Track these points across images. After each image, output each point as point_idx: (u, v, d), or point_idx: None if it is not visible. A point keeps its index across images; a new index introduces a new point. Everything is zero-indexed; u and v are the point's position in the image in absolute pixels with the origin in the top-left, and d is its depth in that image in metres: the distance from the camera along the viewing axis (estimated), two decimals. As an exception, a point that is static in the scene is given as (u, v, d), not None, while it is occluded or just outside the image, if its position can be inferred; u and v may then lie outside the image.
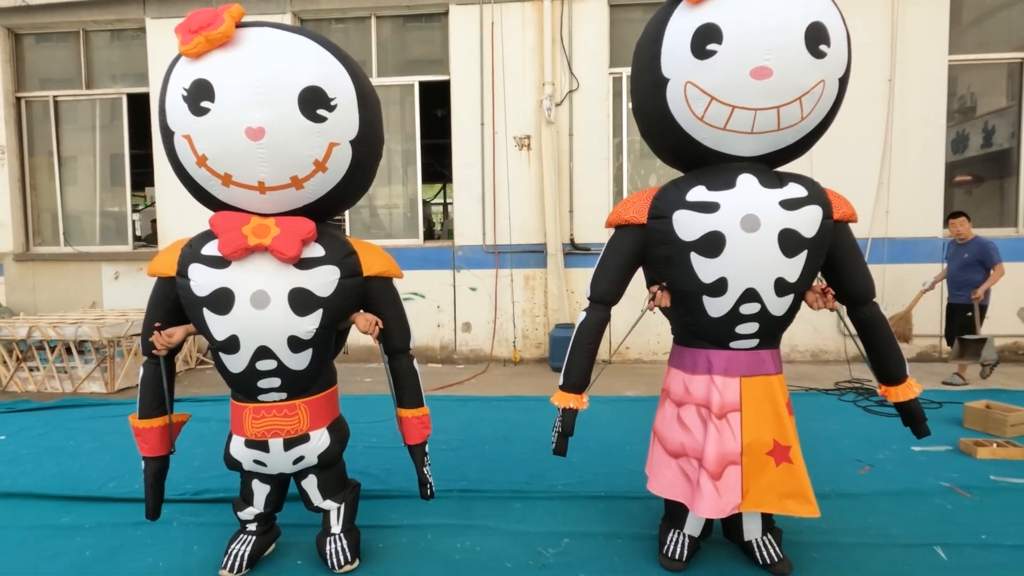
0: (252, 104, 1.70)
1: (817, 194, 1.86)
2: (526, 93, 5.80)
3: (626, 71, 5.85)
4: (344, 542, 2.08)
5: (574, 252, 5.84)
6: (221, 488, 2.74)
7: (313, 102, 1.74)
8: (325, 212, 1.98)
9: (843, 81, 1.83)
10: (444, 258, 5.98)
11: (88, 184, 6.52)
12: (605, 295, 2.00)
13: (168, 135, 1.82)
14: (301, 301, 1.85)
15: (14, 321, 5.05)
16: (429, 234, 7.53)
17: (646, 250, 1.97)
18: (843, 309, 2.02)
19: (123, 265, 6.26)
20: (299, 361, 1.91)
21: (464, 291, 5.97)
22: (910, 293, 5.63)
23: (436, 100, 6.57)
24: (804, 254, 1.83)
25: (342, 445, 2.12)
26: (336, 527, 2.11)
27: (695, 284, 1.88)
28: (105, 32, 6.32)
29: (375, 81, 6.10)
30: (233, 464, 2.03)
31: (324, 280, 1.88)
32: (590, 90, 5.76)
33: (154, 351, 1.91)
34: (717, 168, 1.91)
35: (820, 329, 5.75)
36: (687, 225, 1.85)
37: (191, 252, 1.88)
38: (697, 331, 1.97)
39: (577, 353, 2.02)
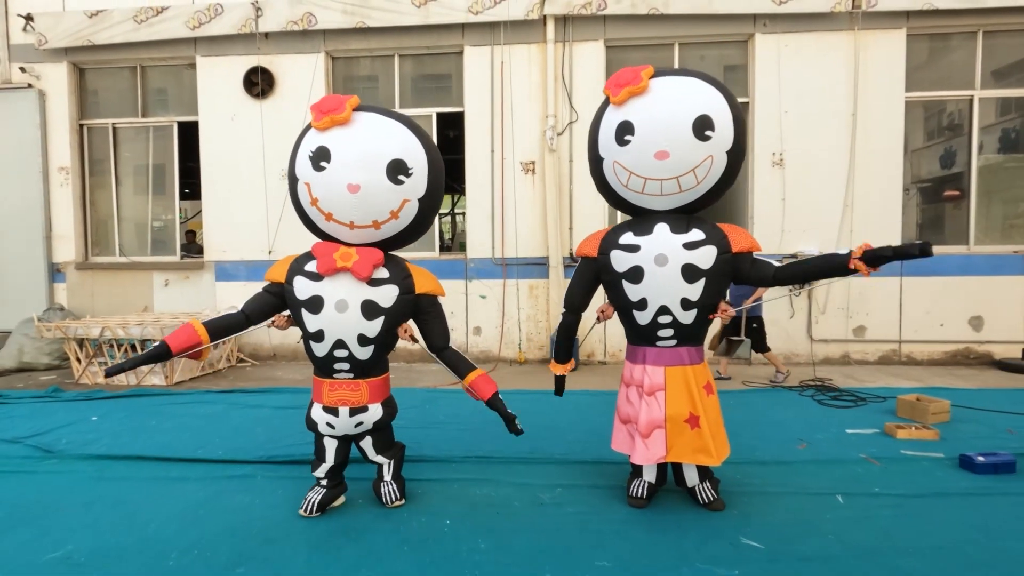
0: (355, 167, 2.43)
1: (714, 237, 2.57)
2: (531, 123, 6.56)
3: (620, 105, 6.62)
4: (394, 486, 2.82)
5: (573, 265, 6.57)
6: (285, 455, 3.47)
7: (396, 170, 2.47)
8: (393, 245, 2.72)
9: (732, 152, 2.53)
10: (457, 269, 6.73)
11: (141, 202, 7.32)
12: (574, 306, 2.86)
13: (294, 180, 2.57)
14: (370, 309, 2.55)
15: (88, 322, 5.82)
16: (442, 246, 8.23)
17: (599, 275, 2.75)
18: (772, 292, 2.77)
19: (172, 273, 7.04)
20: (364, 353, 2.61)
21: (475, 299, 6.71)
22: (872, 304, 6.34)
23: (449, 124, 7.33)
24: (703, 281, 2.56)
25: (392, 416, 2.86)
26: (388, 475, 2.85)
27: (627, 302, 2.66)
28: (159, 67, 7.13)
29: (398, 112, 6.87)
30: (311, 425, 2.72)
31: (387, 295, 2.60)
32: (588, 122, 6.49)
33: (276, 326, 2.69)
34: (643, 218, 2.70)
35: (792, 335, 6.45)
36: (618, 260, 2.64)
37: (297, 267, 2.60)
38: (634, 334, 2.76)
39: (560, 342, 2.92)
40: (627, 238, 2.62)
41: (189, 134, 7.14)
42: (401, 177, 2.48)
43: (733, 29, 6.38)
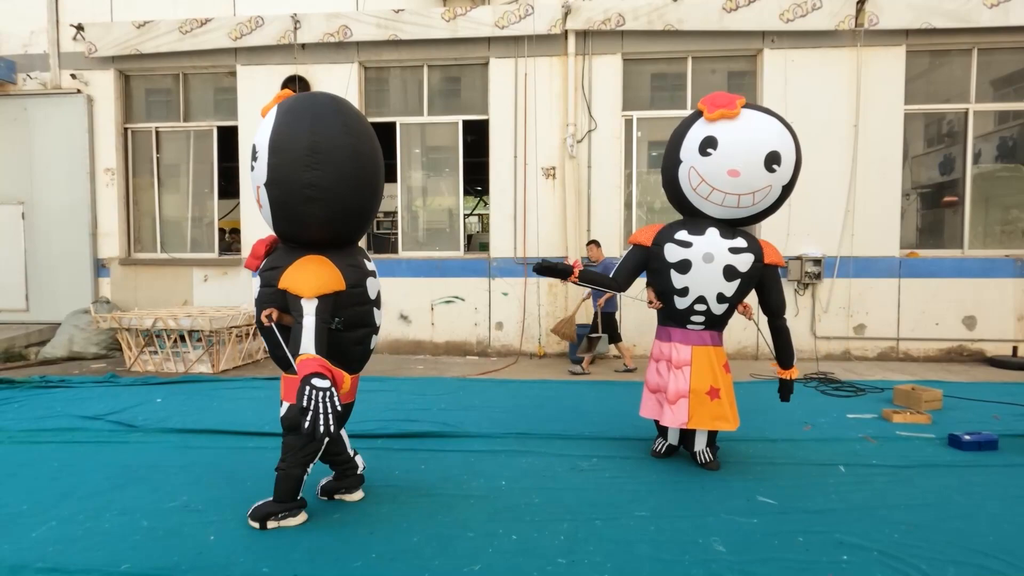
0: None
1: (753, 246, 3.12)
2: (552, 131, 6.98)
3: (636, 114, 7.06)
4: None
5: (591, 265, 6.98)
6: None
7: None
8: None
9: (786, 188, 3.05)
10: (481, 268, 7.14)
11: (181, 201, 7.74)
12: (620, 282, 3.32)
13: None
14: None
15: (141, 314, 6.24)
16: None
17: (647, 262, 3.21)
18: (762, 321, 3.33)
19: (210, 269, 7.46)
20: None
21: (497, 296, 7.12)
22: (872, 303, 6.75)
23: (471, 130, 7.75)
24: (737, 281, 3.10)
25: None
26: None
27: (670, 287, 3.17)
28: (201, 75, 7.56)
29: (425, 120, 7.31)
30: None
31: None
32: (606, 130, 6.93)
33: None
34: (696, 221, 3.20)
35: (796, 332, 6.82)
36: (671, 252, 3.11)
37: (361, 272, 2.84)
38: (668, 316, 3.28)
39: (588, 274, 3.46)
40: (682, 235, 3.13)
41: (228, 137, 7.56)
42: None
43: (743, 45, 6.80)
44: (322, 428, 2.15)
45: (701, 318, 3.16)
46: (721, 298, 3.09)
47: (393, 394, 5.04)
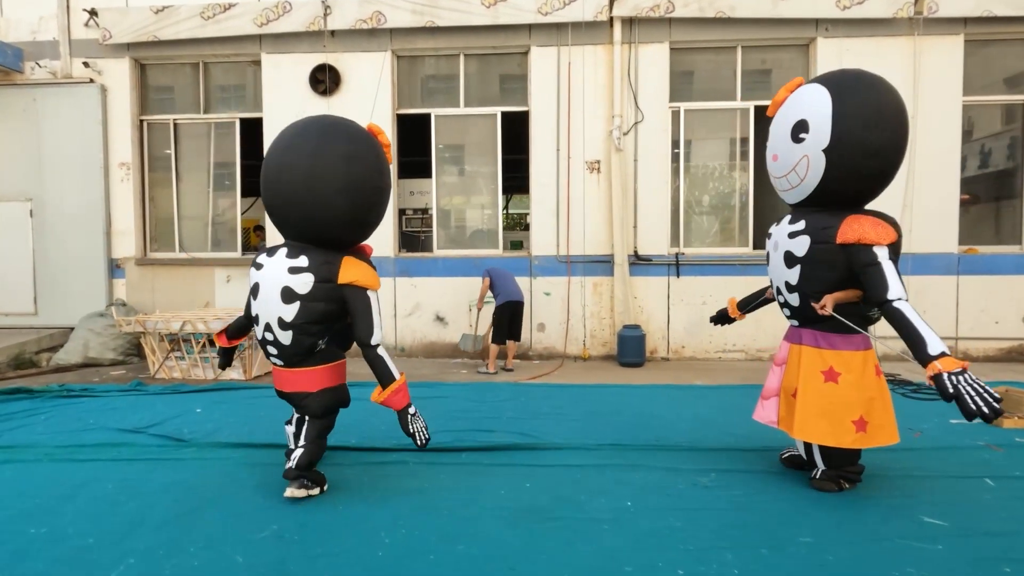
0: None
1: (813, 226, 2.71)
2: (597, 123, 6.66)
3: (684, 105, 6.76)
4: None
5: (637, 263, 6.67)
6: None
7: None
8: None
9: (829, 150, 2.61)
10: (522, 266, 6.80)
11: (202, 198, 7.32)
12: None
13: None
14: None
15: (167, 316, 5.82)
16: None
17: None
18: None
19: (234, 269, 7.05)
20: None
21: (539, 296, 6.79)
22: (930, 302, 6.50)
23: (510, 123, 7.42)
24: (798, 267, 2.77)
25: None
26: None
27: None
28: (222, 64, 7.15)
29: (462, 111, 6.96)
30: (348, 400, 2.96)
31: None
32: (653, 122, 6.63)
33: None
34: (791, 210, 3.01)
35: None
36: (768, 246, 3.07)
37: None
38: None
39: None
40: (772, 227, 3.03)
41: (251, 131, 7.16)
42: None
43: (795, 33, 6.53)
44: (426, 440, 2.67)
45: (788, 311, 2.95)
46: (790, 288, 2.83)
47: (448, 400, 4.68)
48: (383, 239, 6.82)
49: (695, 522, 2.48)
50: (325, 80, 6.78)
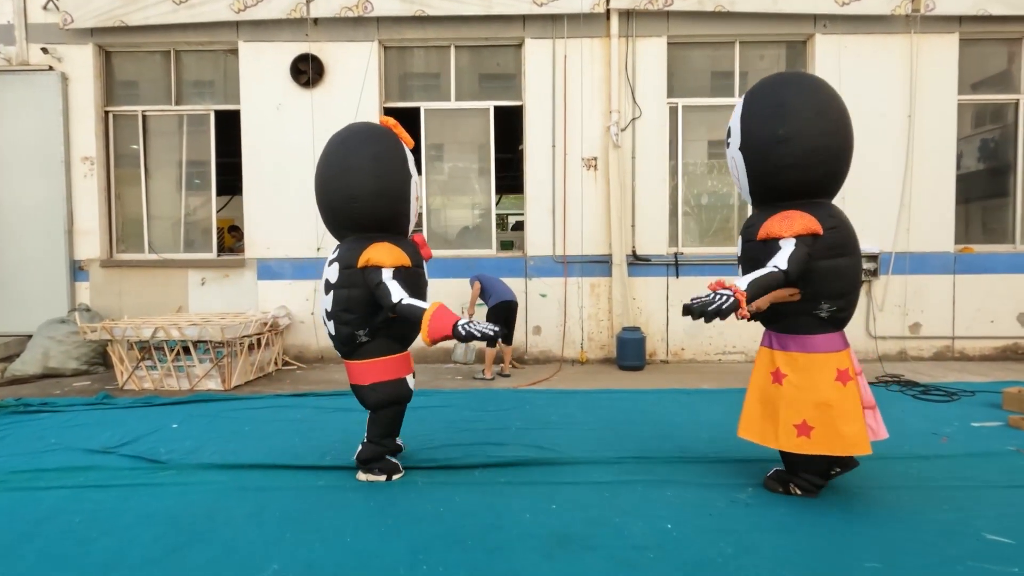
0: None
1: (747, 225, 2.77)
2: (593, 119, 6.44)
3: (682, 101, 6.59)
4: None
5: (636, 263, 6.47)
6: (432, 459, 3.23)
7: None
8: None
9: (743, 148, 2.72)
10: (517, 267, 6.54)
11: (173, 194, 6.85)
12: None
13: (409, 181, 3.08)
14: None
15: (137, 323, 5.37)
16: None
17: None
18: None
19: (209, 272, 6.61)
20: None
21: (535, 297, 6.53)
22: (927, 301, 6.46)
23: (503, 119, 7.15)
24: (740, 268, 2.84)
25: None
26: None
27: None
28: (196, 52, 6.71)
29: (453, 105, 6.66)
30: (406, 396, 2.97)
31: None
32: (651, 118, 6.45)
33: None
34: None
35: (850, 331, 6.48)
36: None
37: (415, 252, 2.99)
38: None
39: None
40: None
41: (227, 123, 6.74)
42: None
43: (794, 29, 6.43)
44: (492, 333, 2.58)
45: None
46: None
47: (449, 410, 4.39)
48: (370, 239, 6.47)
49: (748, 548, 2.25)
50: (308, 71, 6.40)
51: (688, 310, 2.26)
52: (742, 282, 2.34)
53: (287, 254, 6.51)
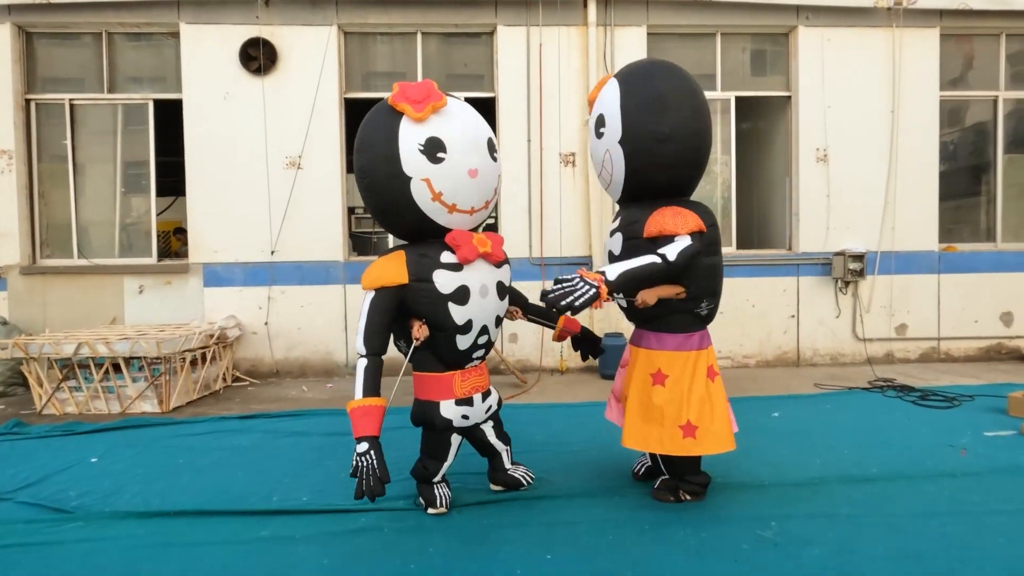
0: (471, 152, 2.41)
1: (624, 224, 2.62)
2: (571, 112, 6.06)
3: (663, 95, 6.26)
4: (523, 468, 2.84)
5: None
6: (401, 494, 2.74)
7: (492, 148, 2.55)
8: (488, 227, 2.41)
9: (623, 142, 2.54)
10: (491, 270, 6.07)
11: (107, 193, 6.13)
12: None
13: (404, 179, 2.35)
14: (502, 290, 2.61)
15: (57, 337, 4.69)
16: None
17: None
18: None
19: (148, 278, 5.93)
20: (496, 333, 2.63)
21: (511, 302, 6.07)
22: (913, 302, 6.29)
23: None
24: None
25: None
26: (508, 462, 2.81)
27: None
28: (130, 35, 6.03)
29: (419, 96, 6.15)
30: (445, 424, 2.50)
31: (508, 274, 2.70)
32: (631, 111, 6.09)
33: (416, 341, 2.38)
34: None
35: (837, 334, 6.29)
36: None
37: (431, 262, 2.41)
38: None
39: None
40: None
41: (169, 114, 6.09)
42: (496, 155, 2.56)
43: (776, 20, 6.19)
44: (370, 495, 2.09)
45: (625, 313, 2.76)
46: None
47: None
48: (330, 241, 5.93)
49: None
50: (259, 57, 5.82)
51: (543, 297, 2.19)
52: (612, 271, 2.25)
53: (237, 258, 5.88)
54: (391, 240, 6.26)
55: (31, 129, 5.99)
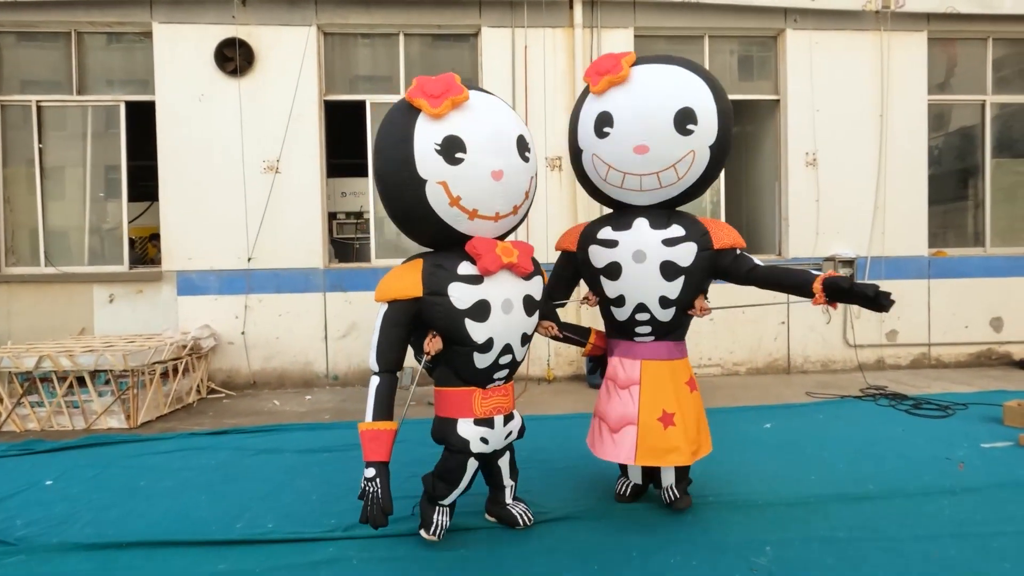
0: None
1: (695, 233, 2.43)
2: (557, 115, 5.93)
3: (650, 98, 6.16)
4: (522, 506, 2.56)
5: (605, 270, 5.97)
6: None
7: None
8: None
9: (716, 146, 2.37)
10: (476, 277, 5.92)
11: (76, 198, 5.91)
12: (554, 298, 2.76)
13: (419, 183, 2.11)
14: (530, 304, 2.32)
15: (16, 350, 4.46)
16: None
17: (578, 270, 2.69)
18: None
19: (119, 287, 5.70)
20: (522, 352, 2.36)
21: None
22: (903, 307, 6.22)
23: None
24: (682, 278, 2.42)
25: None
26: (510, 497, 2.56)
27: (605, 297, 2.55)
28: (101, 35, 5.82)
29: (399, 97, 6.01)
30: (461, 445, 2.27)
31: (540, 286, 2.40)
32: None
33: (426, 355, 2.20)
34: (623, 213, 2.55)
35: (828, 341, 6.20)
36: (596, 256, 2.51)
37: (447, 274, 2.19)
38: (613, 328, 2.65)
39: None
40: (605, 233, 2.51)
41: (141, 117, 5.88)
42: (527, 154, 2.31)
43: (764, 23, 6.12)
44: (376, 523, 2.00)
45: (647, 328, 2.51)
46: (665, 302, 2.45)
47: (404, 447, 3.61)
48: (310, 248, 5.74)
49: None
50: (235, 57, 5.63)
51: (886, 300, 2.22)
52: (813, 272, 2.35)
53: (212, 265, 5.68)
54: (373, 246, 6.07)
55: (-4, 132, 5.75)
